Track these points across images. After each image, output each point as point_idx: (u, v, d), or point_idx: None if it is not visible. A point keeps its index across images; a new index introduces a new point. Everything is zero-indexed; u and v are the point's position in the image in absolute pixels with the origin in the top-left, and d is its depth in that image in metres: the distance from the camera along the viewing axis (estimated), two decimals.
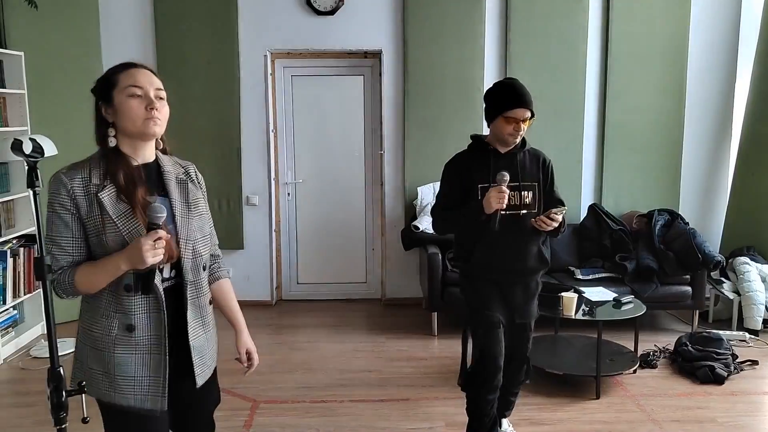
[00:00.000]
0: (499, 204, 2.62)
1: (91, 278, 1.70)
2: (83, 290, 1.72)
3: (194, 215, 1.87)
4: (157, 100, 1.74)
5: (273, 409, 3.62)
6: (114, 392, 1.75)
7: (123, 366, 1.75)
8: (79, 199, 1.70)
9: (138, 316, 1.74)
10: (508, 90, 2.72)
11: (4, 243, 4.46)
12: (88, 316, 1.80)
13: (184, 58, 5.22)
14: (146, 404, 1.76)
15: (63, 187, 1.70)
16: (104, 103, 1.75)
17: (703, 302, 4.84)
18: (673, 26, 5.35)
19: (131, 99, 1.72)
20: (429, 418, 3.50)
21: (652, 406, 3.63)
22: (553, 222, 2.71)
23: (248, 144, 5.40)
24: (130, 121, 1.72)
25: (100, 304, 1.75)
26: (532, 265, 2.88)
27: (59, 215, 1.71)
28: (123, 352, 1.75)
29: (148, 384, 1.77)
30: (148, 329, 1.76)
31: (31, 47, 4.71)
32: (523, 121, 2.68)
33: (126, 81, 1.73)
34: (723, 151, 5.58)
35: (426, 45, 5.28)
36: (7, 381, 4.07)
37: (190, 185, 1.90)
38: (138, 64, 1.78)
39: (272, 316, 5.37)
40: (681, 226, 4.94)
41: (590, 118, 5.45)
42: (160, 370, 1.77)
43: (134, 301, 1.73)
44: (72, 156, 1.89)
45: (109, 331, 1.74)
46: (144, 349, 1.76)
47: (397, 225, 5.47)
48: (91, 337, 1.77)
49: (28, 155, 1.59)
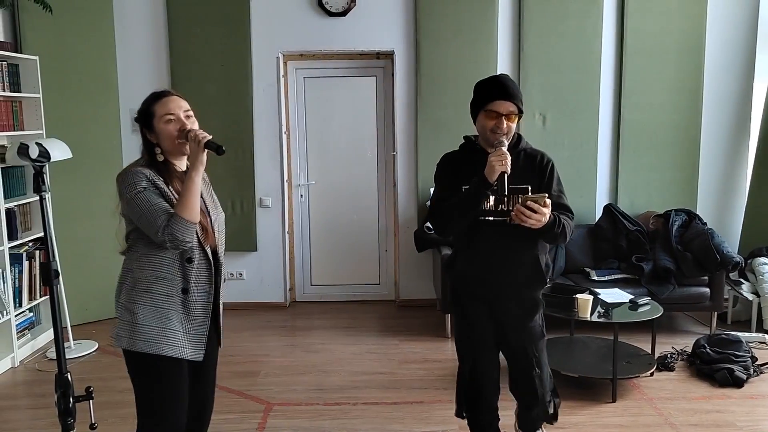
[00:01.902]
0: (502, 166, 2.34)
1: (185, 200, 2.06)
2: (188, 215, 2.06)
3: (218, 210, 2.35)
4: (187, 121, 2.18)
5: (286, 412, 3.62)
6: (163, 344, 2.10)
7: (174, 321, 2.13)
8: (157, 182, 2.12)
9: (194, 284, 2.16)
10: (489, 82, 2.50)
11: (20, 246, 4.50)
12: (147, 277, 2.13)
13: (197, 61, 5.24)
14: (187, 355, 2.15)
15: (142, 174, 2.09)
16: (147, 130, 2.19)
17: (721, 304, 4.76)
18: (690, 23, 5.27)
19: (168, 125, 2.16)
20: (443, 421, 3.47)
21: (670, 410, 3.57)
22: (533, 214, 2.31)
23: (261, 146, 5.40)
24: (170, 141, 2.17)
25: (162, 268, 2.13)
26: (522, 279, 2.57)
27: (147, 190, 2.08)
28: (176, 309, 2.14)
29: (191, 339, 2.17)
30: (197, 294, 2.18)
31: (47, 51, 4.75)
32: (506, 116, 2.43)
33: (161, 111, 2.16)
34: (741, 150, 5.49)
35: (438, 45, 5.26)
36: (23, 383, 4.11)
37: (210, 187, 2.40)
38: (167, 93, 2.22)
39: (286, 318, 5.37)
40: (699, 226, 4.87)
41: (605, 117, 5.39)
42: (203, 328, 2.20)
43: (193, 271, 2.15)
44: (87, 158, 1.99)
45: (171, 291, 2.14)
46: (193, 311, 2.17)
47: (410, 226, 5.45)
48: (149, 295, 2.12)
49: (34, 160, 1.60)
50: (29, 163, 1.59)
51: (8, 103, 4.45)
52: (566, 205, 2.56)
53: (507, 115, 2.43)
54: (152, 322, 2.12)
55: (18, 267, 4.42)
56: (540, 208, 2.31)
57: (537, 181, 2.53)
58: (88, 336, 4.77)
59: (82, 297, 4.93)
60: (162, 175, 2.16)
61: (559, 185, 2.58)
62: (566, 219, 2.50)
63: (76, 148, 4.03)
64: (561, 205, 2.53)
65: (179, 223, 2.05)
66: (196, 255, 2.17)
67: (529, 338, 2.63)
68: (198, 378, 2.32)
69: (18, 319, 4.47)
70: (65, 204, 4.81)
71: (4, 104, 4.40)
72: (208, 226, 2.22)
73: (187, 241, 2.08)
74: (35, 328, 4.76)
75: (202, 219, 2.18)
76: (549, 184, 2.54)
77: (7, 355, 4.29)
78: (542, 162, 2.56)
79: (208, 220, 2.25)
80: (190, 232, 2.07)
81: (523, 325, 2.62)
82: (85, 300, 5.01)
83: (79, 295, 4.91)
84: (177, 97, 2.22)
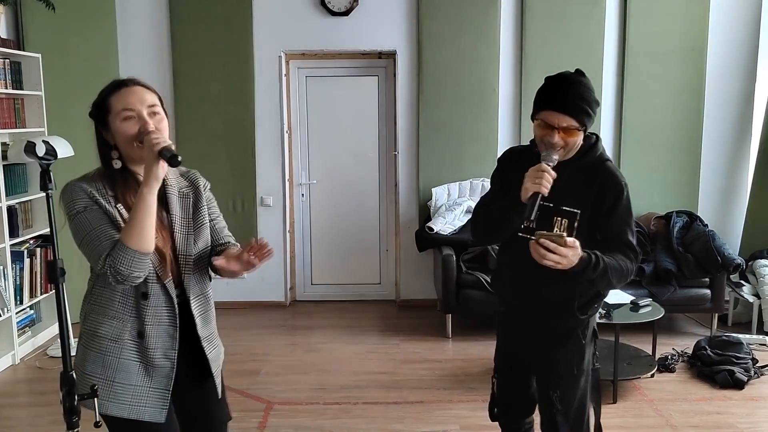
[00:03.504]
0: (535, 186, 1.95)
1: (133, 225, 1.65)
2: (136, 244, 1.64)
3: (197, 227, 1.87)
4: (151, 118, 1.73)
5: (287, 411, 3.62)
6: (109, 401, 1.72)
7: (125, 373, 1.74)
8: (99, 200, 1.71)
9: (151, 326, 1.75)
10: (547, 84, 2.08)
11: (21, 243, 4.50)
12: (93, 317, 1.77)
13: (200, 60, 5.24)
14: (144, 415, 1.75)
15: (81, 191, 1.71)
16: (103, 128, 1.77)
17: (722, 305, 4.77)
18: (692, 25, 5.27)
19: (125, 123, 1.72)
20: (443, 420, 3.48)
21: (670, 411, 3.57)
22: (547, 253, 1.86)
23: (262, 145, 5.40)
24: (126, 143, 1.73)
25: (112, 305, 1.74)
26: (550, 309, 2.19)
27: (88, 210, 1.69)
28: (129, 358, 1.74)
29: (147, 395, 1.76)
30: (156, 339, 1.76)
31: (49, 49, 4.75)
32: (559, 129, 2.00)
33: (118, 105, 1.73)
34: (742, 152, 5.49)
35: (441, 45, 5.26)
36: (24, 380, 4.11)
37: (194, 197, 1.90)
38: (129, 82, 1.77)
39: (286, 317, 5.37)
40: (700, 228, 4.87)
41: (607, 119, 5.39)
42: (165, 381, 1.78)
43: (148, 310, 1.74)
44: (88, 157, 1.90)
45: (119, 333, 1.74)
46: (150, 359, 1.76)
47: (411, 226, 5.45)
48: (97, 339, 1.75)
49: (41, 158, 1.59)
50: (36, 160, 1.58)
51: (10, 100, 4.45)
52: (627, 243, 2.07)
53: (562, 129, 2.01)
54: (97, 372, 1.73)
55: (19, 264, 4.42)
56: (557, 248, 1.86)
57: (593, 206, 2.07)
58: None
59: (82, 295, 4.92)
60: (114, 188, 1.74)
61: (624, 218, 2.09)
62: (616, 262, 2.01)
63: (78, 146, 4.04)
64: (620, 243, 2.06)
65: (123, 254, 1.63)
66: (152, 290, 1.75)
67: (552, 372, 2.24)
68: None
69: (19, 317, 4.47)
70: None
71: (6, 102, 4.40)
72: (168, 255, 1.78)
73: (134, 276, 1.66)
74: (36, 325, 4.76)
75: (161, 245, 1.75)
76: (608, 214, 2.07)
77: (8, 353, 4.29)
78: (607, 185, 2.08)
79: (169, 247, 1.80)
80: (138, 264, 1.65)
81: (547, 355, 2.24)
82: None
83: (80, 293, 4.90)
84: (141, 87, 1.77)
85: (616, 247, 2.04)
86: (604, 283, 2.03)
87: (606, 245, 2.02)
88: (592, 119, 2.07)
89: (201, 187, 1.94)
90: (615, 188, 2.08)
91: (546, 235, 1.89)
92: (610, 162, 2.16)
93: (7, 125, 4.39)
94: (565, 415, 2.23)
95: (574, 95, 2.01)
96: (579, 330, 2.20)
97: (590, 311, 2.19)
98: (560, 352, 2.21)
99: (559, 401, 2.21)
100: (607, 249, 2.01)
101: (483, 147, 5.31)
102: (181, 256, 1.81)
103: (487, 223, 2.20)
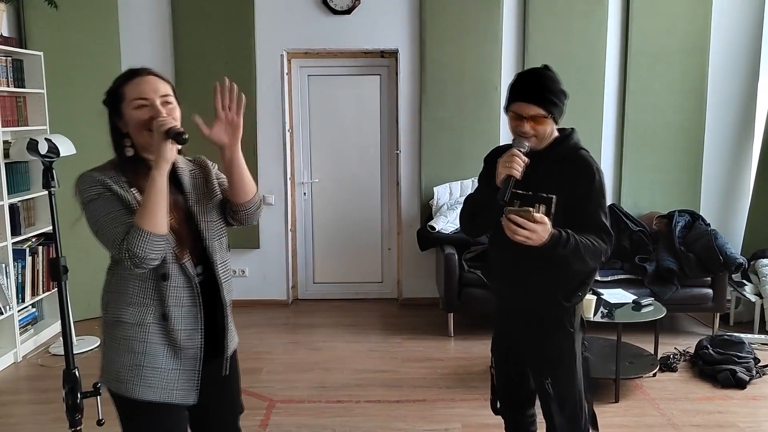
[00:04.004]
0: (507, 169, 2.10)
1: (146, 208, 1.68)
2: (150, 227, 1.67)
3: (211, 197, 1.92)
4: (164, 107, 1.76)
5: (289, 409, 3.62)
6: (139, 384, 1.74)
7: (152, 357, 1.75)
8: (113, 186, 1.74)
9: (174, 307, 1.77)
10: (516, 79, 2.23)
11: (23, 241, 4.50)
12: (114, 305, 1.80)
13: (202, 58, 5.23)
14: (175, 398, 1.77)
15: (94, 180, 1.74)
16: (116, 116, 1.81)
17: (724, 305, 4.76)
18: (694, 24, 5.26)
19: (137, 111, 1.75)
20: (445, 419, 3.48)
21: (672, 410, 3.57)
22: (518, 228, 1.98)
23: (264, 144, 5.40)
24: (138, 131, 1.77)
25: (132, 292, 1.76)
26: (538, 297, 2.27)
27: (101, 197, 1.73)
28: (155, 342, 1.76)
29: (176, 378, 1.77)
30: (181, 321, 1.78)
31: (51, 47, 4.76)
32: (529, 119, 2.15)
33: (131, 94, 1.77)
34: (745, 151, 5.49)
35: (443, 44, 5.25)
36: (26, 378, 4.11)
37: (203, 175, 1.95)
38: (142, 71, 1.81)
39: (288, 315, 5.37)
40: (702, 227, 4.87)
41: (609, 118, 5.39)
42: (193, 363, 1.80)
43: (169, 291, 1.76)
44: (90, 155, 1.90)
45: (142, 318, 1.75)
46: (176, 341, 1.77)
47: (413, 225, 5.45)
48: (119, 326, 1.77)
49: (44, 155, 1.59)
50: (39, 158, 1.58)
51: (12, 98, 4.45)
52: (600, 225, 2.17)
53: (530, 118, 2.16)
54: (125, 359, 1.76)
55: (21, 262, 4.43)
56: (526, 222, 1.98)
57: (568, 190, 2.18)
58: (91, 332, 4.77)
59: (84, 293, 4.92)
60: (127, 175, 1.78)
61: (596, 201, 2.20)
62: (588, 240, 2.12)
63: (81, 144, 4.04)
64: (593, 225, 2.16)
65: (138, 237, 1.65)
66: (171, 271, 1.78)
67: (544, 360, 2.31)
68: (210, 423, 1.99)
69: (21, 315, 4.48)
70: (69, 200, 4.78)
71: (8, 100, 4.40)
72: (184, 235, 1.81)
73: (150, 258, 1.68)
74: (38, 323, 4.77)
75: (176, 226, 1.79)
76: (581, 199, 2.17)
77: (10, 351, 4.30)
78: (580, 171, 2.21)
79: (186, 228, 1.83)
80: (153, 246, 1.67)
81: (535, 347, 2.32)
82: (88, 296, 5.00)
83: (81, 291, 4.91)
84: (154, 77, 1.81)
85: (590, 229, 2.15)
86: (578, 260, 2.13)
87: (580, 228, 2.12)
88: (560, 108, 2.20)
89: (209, 166, 2.00)
90: (587, 173, 2.21)
91: (514, 210, 2.01)
92: (584, 150, 2.28)
93: (9, 123, 4.40)
94: (559, 403, 2.29)
95: (539, 86, 2.16)
96: (566, 318, 2.28)
97: (574, 299, 2.28)
98: (550, 340, 2.29)
99: (551, 387, 2.28)
100: (581, 232, 2.12)
101: (485, 146, 5.21)
102: (203, 229, 1.85)
103: (471, 214, 2.35)
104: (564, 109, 2.22)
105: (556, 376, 2.29)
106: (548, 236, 2.02)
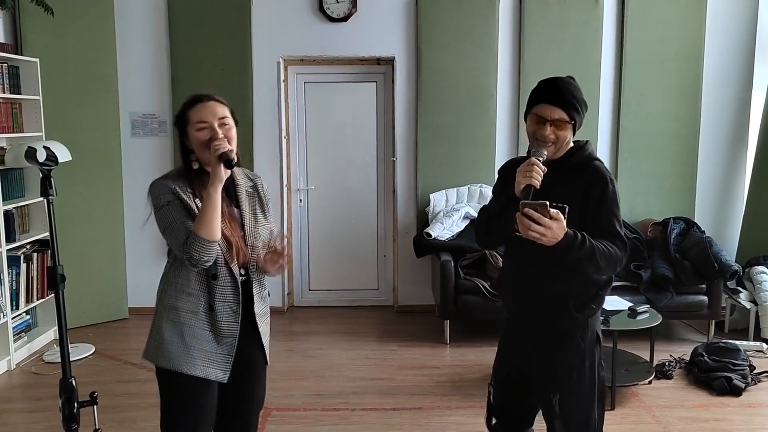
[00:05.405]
0: (527, 179, 2.05)
1: (202, 218, 1.99)
2: (204, 234, 1.98)
3: (260, 225, 2.25)
4: (221, 128, 2.07)
5: (285, 417, 3.61)
6: (185, 362, 2.05)
7: (199, 339, 2.07)
8: (181, 195, 2.05)
9: (219, 302, 2.09)
10: (542, 83, 2.21)
11: (18, 248, 4.48)
12: (171, 293, 2.10)
13: (198, 65, 5.23)
14: (212, 375, 2.09)
15: (166, 188, 2.04)
16: (183, 135, 2.12)
17: (719, 312, 4.77)
18: (689, 32, 5.30)
19: (200, 132, 2.06)
20: (442, 427, 3.47)
21: (668, 418, 3.57)
22: (532, 224, 1.94)
23: (261, 150, 5.40)
24: (200, 149, 2.08)
25: (189, 284, 2.08)
26: (549, 307, 2.20)
27: (171, 204, 2.03)
28: (202, 327, 2.09)
29: (215, 359, 2.10)
30: (223, 313, 2.10)
31: (47, 54, 4.74)
32: (552, 123, 2.12)
33: (194, 117, 2.08)
34: (739, 159, 5.52)
35: (439, 52, 5.27)
36: (19, 386, 4.09)
37: (258, 199, 2.31)
38: (204, 97, 2.12)
39: (284, 322, 5.35)
40: (697, 234, 4.89)
41: (604, 125, 5.41)
42: (229, 348, 2.12)
43: (217, 288, 2.09)
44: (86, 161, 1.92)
45: (195, 306, 2.08)
46: (218, 329, 2.10)
47: (409, 232, 5.45)
48: (175, 311, 2.08)
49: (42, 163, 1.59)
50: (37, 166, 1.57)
51: (8, 104, 4.44)
52: (614, 232, 2.12)
53: (553, 122, 2.12)
54: (176, 339, 2.07)
55: (15, 269, 4.41)
56: (540, 217, 1.93)
57: (581, 202, 2.13)
58: (85, 339, 4.75)
59: (79, 300, 4.90)
60: (192, 185, 2.09)
61: (610, 209, 2.15)
62: (603, 245, 2.06)
63: (76, 151, 4.03)
64: (607, 232, 2.10)
65: (195, 241, 1.98)
66: (220, 272, 2.10)
67: (551, 374, 2.22)
68: (239, 401, 2.25)
69: (14, 322, 4.45)
70: (63, 207, 4.76)
71: (3, 106, 4.39)
72: (238, 243, 2.12)
73: (205, 260, 2.01)
74: (32, 330, 4.74)
75: (228, 234, 2.10)
76: (595, 208, 2.13)
77: (4, 358, 4.27)
78: (593, 180, 2.16)
79: (236, 236, 2.13)
80: (208, 250, 2.00)
81: (546, 358, 2.23)
82: (82, 303, 4.99)
83: (76, 298, 4.89)
84: (214, 102, 2.12)
85: (604, 236, 2.10)
86: (593, 265, 2.05)
87: (594, 236, 2.06)
88: (581, 116, 2.18)
89: (262, 192, 2.34)
90: (600, 182, 2.15)
91: (530, 203, 1.94)
92: (598, 161, 2.24)
93: (4, 130, 4.38)
94: (564, 422, 2.21)
95: (564, 91, 2.15)
96: (578, 332, 2.20)
97: (587, 311, 2.20)
98: (559, 354, 2.21)
99: (558, 405, 2.20)
100: (595, 239, 2.06)
101: (481, 153, 5.31)
102: (249, 246, 2.17)
103: (488, 224, 2.30)
104: (582, 121, 2.20)
105: (565, 393, 2.20)
106: (563, 235, 1.97)
